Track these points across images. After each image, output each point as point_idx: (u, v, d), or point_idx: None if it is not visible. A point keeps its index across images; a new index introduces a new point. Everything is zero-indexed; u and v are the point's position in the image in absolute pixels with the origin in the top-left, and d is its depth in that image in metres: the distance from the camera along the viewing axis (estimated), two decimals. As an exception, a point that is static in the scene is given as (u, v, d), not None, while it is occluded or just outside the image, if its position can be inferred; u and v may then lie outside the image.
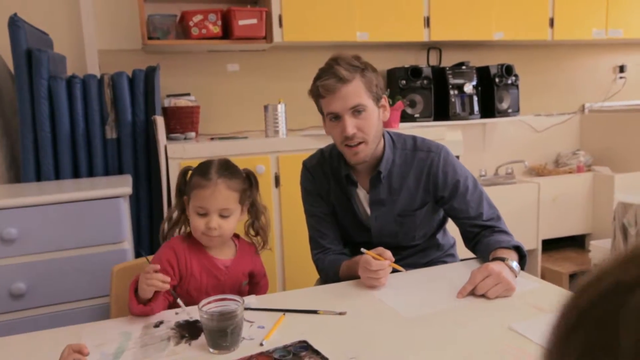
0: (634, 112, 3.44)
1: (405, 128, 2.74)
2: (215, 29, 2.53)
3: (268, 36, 2.63)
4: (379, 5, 2.79)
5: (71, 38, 2.60)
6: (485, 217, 1.41)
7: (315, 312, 1.15)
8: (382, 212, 1.45)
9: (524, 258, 1.33)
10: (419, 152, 1.43)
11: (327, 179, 1.50)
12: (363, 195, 1.46)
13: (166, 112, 2.49)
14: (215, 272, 1.30)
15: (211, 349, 1.00)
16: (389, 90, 2.96)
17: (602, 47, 3.70)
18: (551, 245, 3.37)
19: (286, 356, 0.97)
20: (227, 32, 2.57)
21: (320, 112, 1.41)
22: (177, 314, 1.15)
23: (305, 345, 1.00)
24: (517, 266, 1.27)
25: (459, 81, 3.05)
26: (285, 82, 2.93)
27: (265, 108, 2.45)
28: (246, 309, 1.13)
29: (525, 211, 3.07)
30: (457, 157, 2.85)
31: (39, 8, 2.53)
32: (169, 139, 2.39)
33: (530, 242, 3.09)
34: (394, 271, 1.30)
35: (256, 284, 1.41)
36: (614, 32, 3.31)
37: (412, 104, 3.01)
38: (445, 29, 2.93)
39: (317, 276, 1.60)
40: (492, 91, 3.12)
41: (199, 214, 1.25)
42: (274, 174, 2.35)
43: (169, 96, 2.66)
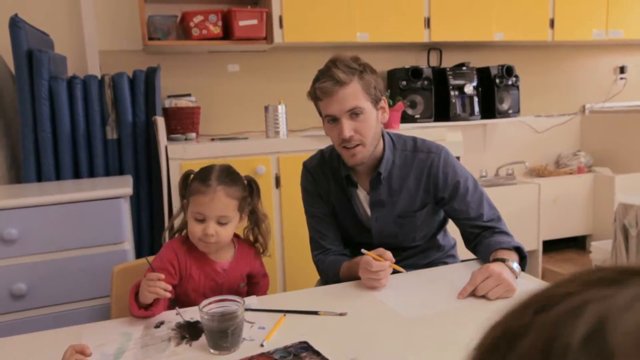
0: (634, 112, 3.44)
1: (406, 129, 2.74)
2: (215, 29, 2.53)
3: (268, 37, 2.63)
4: (379, 5, 2.79)
5: (72, 39, 2.61)
6: (485, 218, 1.41)
7: (315, 313, 1.15)
8: (382, 213, 1.45)
9: (524, 259, 1.33)
10: (419, 153, 1.43)
11: (327, 180, 1.50)
12: (363, 196, 1.46)
13: (167, 112, 2.49)
14: (213, 275, 1.30)
15: (212, 350, 1.00)
16: (389, 91, 2.96)
17: (602, 47, 3.70)
18: (552, 246, 3.37)
19: (287, 357, 0.97)
20: (227, 33, 2.58)
21: (319, 113, 1.41)
22: (177, 314, 1.16)
23: (305, 346, 1.00)
24: (517, 267, 1.26)
25: (459, 82, 3.05)
26: (286, 83, 2.93)
27: (266, 109, 2.45)
28: (247, 309, 1.14)
29: (526, 212, 3.07)
30: (458, 158, 2.85)
31: (39, 9, 2.54)
32: (169, 139, 2.39)
33: (531, 243, 3.09)
34: (395, 272, 1.30)
35: (255, 284, 1.41)
36: (614, 33, 3.31)
37: (413, 105, 3.01)
38: (445, 29, 2.93)
39: (317, 277, 1.60)
40: (493, 92, 3.12)
41: (196, 219, 1.25)
42: (275, 175, 2.35)
43: (169, 97, 2.66)
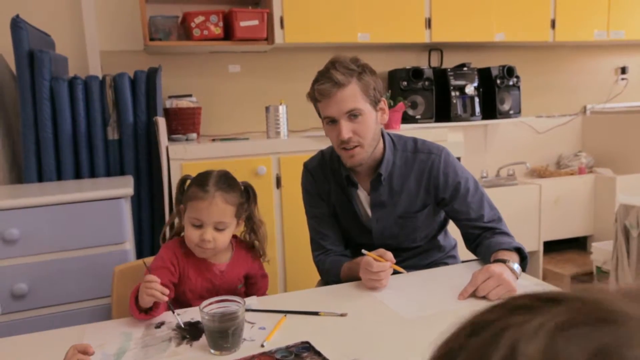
0: (635, 113, 3.43)
1: (407, 129, 2.74)
2: (216, 30, 2.53)
3: (269, 37, 2.63)
4: (380, 6, 2.79)
5: (73, 39, 2.61)
6: (486, 219, 1.41)
7: (316, 313, 1.15)
8: (383, 214, 1.45)
9: (525, 260, 1.33)
10: (419, 154, 1.43)
11: (328, 180, 1.50)
12: (364, 196, 1.46)
13: (168, 113, 2.49)
14: (210, 277, 1.31)
15: (212, 350, 1.00)
16: (390, 91, 2.97)
17: (603, 48, 3.70)
18: (553, 247, 3.36)
19: (288, 357, 0.97)
20: (228, 34, 2.58)
21: (318, 115, 1.41)
22: (178, 314, 1.16)
23: (307, 346, 1.00)
24: (518, 268, 1.26)
25: (460, 82, 3.05)
26: (287, 83, 2.93)
27: (267, 109, 2.45)
28: (247, 310, 1.14)
29: (527, 213, 3.07)
30: (459, 159, 2.85)
31: (41, 9, 2.54)
32: (170, 140, 2.39)
33: (532, 244, 3.09)
34: (395, 273, 1.30)
35: (253, 284, 1.40)
36: (615, 34, 3.30)
37: (414, 105, 3.01)
38: (446, 30, 2.93)
39: (318, 277, 1.60)
40: (494, 92, 3.12)
41: (193, 225, 1.25)
42: (275, 175, 2.35)
43: (170, 97, 2.66)
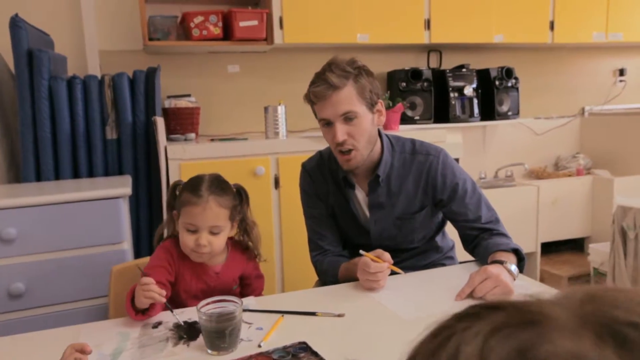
0: (633, 115, 3.44)
1: (405, 130, 2.74)
2: (216, 30, 2.53)
3: (269, 38, 2.63)
4: (379, 7, 2.79)
5: (72, 38, 2.61)
6: (483, 220, 1.42)
7: (313, 313, 1.15)
8: (381, 215, 1.45)
9: (522, 261, 1.33)
10: (417, 156, 1.43)
11: (326, 181, 1.50)
12: (362, 197, 1.46)
13: (166, 113, 2.49)
14: (205, 278, 1.31)
15: (209, 350, 1.01)
16: (389, 92, 2.97)
17: (602, 50, 3.70)
18: (550, 248, 3.37)
19: (285, 357, 0.97)
20: (227, 34, 2.58)
21: (315, 116, 1.42)
22: (172, 311, 1.16)
23: (304, 347, 1.00)
24: (515, 269, 1.27)
25: (459, 84, 3.05)
26: (286, 84, 2.93)
27: (266, 109, 2.45)
28: (245, 310, 1.14)
29: (525, 214, 3.07)
30: (457, 160, 2.85)
31: (40, 8, 2.54)
32: (169, 139, 2.39)
33: (530, 245, 3.09)
34: (393, 273, 1.30)
35: (247, 285, 1.41)
36: (614, 36, 3.31)
37: (412, 106, 3.01)
38: (445, 31, 2.94)
39: (316, 278, 1.60)
40: (492, 94, 3.12)
41: (188, 230, 1.25)
42: (274, 176, 2.35)
43: (169, 97, 2.66)
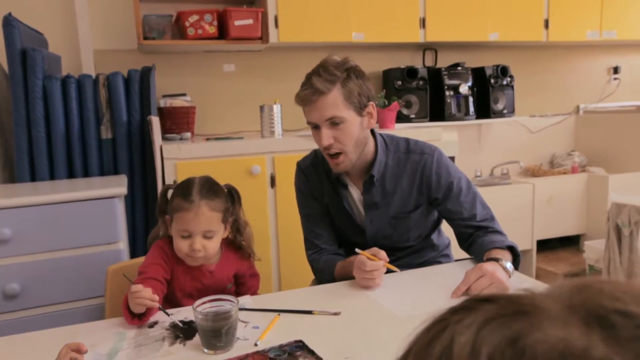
0: (628, 113, 3.46)
1: (401, 129, 2.75)
2: (211, 29, 2.53)
3: (264, 37, 2.63)
4: (374, 6, 2.79)
5: (66, 38, 2.60)
6: (478, 218, 1.42)
7: (310, 312, 1.15)
8: (376, 214, 1.45)
9: (517, 258, 1.34)
10: (412, 154, 1.43)
11: (321, 180, 1.50)
12: (357, 197, 1.46)
13: (162, 112, 2.48)
14: (199, 277, 1.31)
15: (206, 349, 1.00)
16: (384, 91, 2.97)
17: (596, 48, 3.72)
18: (546, 246, 3.38)
19: (281, 355, 0.97)
20: (223, 33, 2.57)
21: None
22: (170, 315, 1.15)
23: (300, 345, 1.00)
24: (511, 267, 1.27)
25: (454, 82, 3.05)
26: (281, 83, 2.93)
27: (261, 108, 2.45)
28: (241, 309, 1.14)
29: (520, 212, 3.08)
30: (453, 158, 2.87)
31: (33, 8, 2.52)
32: (164, 139, 2.38)
33: (525, 243, 3.10)
34: (389, 271, 1.30)
35: (242, 284, 1.41)
36: (608, 34, 3.32)
37: (408, 105, 3.02)
38: (440, 29, 2.94)
39: (312, 276, 1.60)
40: (488, 92, 3.13)
41: (182, 236, 1.25)
42: (270, 175, 2.35)
43: (164, 96, 2.66)
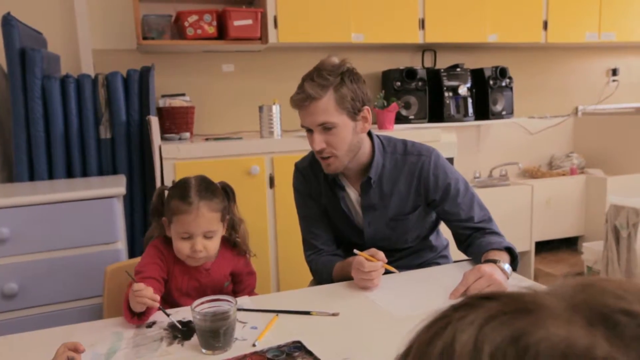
0: (626, 115, 3.46)
1: (400, 130, 2.75)
2: (210, 29, 2.53)
3: (263, 37, 2.63)
4: (374, 6, 2.79)
5: (65, 37, 2.60)
6: (476, 219, 1.42)
7: (308, 313, 1.15)
8: (374, 217, 1.45)
9: (515, 259, 1.34)
10: (409, 156, 1.43)
11: (318, 181, 1.50)
12: (355, 198, 1.46)
13: (161, 112, 2.48)
14: (196, 275, 1.31)
15: (204, 350, 1.00)
16: (383, 91, 2.97)
17: (595, 50, 3.73)
18: (544, 247, 3.39)
19: (279, 356, 0.97)
20: (222, 33, 2.57)
21: None
22: (169, 315, 1.15)
23: (299, 346, 1.00)
24: (509, 268, 1.27)
25: (453, 83, 3.06)
26: (280, 83, 2.93)
27: (260, 109, 2.45)
28: (239, 309, 1.14)
29: (519, 213, 3.09)
30: (452, 159, 2.87)
31: (33, 7, 2.52)
32: (163, 139, 2.38)
33: (524, 244, 3.10)
34: (387, 272, 1.30)
35: (239, 282, 1.41)
36: (606, 36, 3.33)
37: (407, 106, 3.02)
38: (440, 31, 2.94)
39: (311, 277, 1.60)
40: (487, 93, 3.14)
41: (182, 238, 1.25)
42: (269, 175, 2.35)
43: (163, 96, 2.65)
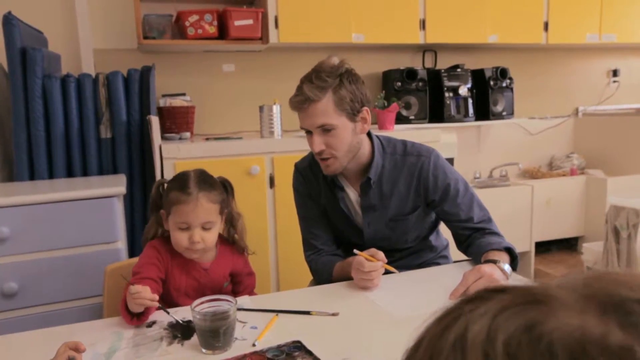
0: (627, 115, 3.46)
1: (400, 130, 2.75)
2: (211, 29, 2.53)
3: (264, 37, 2.63)
4: (374, 7, 2.79)
5: (66, 37, 2.60)
6: (476, 220, 1.42)
7: (308, 313, 1.15)
8: (374, 217, 1.45)
9: (515, 259, 1.34)
10: (409, 157, 1.43)
11: (318, 181, 1.50)
12: (355, 198, 1.46)
13: (161, 112, 2.48)
14: (195, 274, 1.31)
15: (204, 350, 1.00)
16: (384, 92, 2.97)
17: (595, 51, 3.73)
18: (544, 248, 3.39)
19: (279, 356, 0.97)
20: (223, 33, 2.57)
21: None
22: (168, 312, 1.15)
23: (298, 345, 1.00)
24: (508, 268, 1.27)
25: (454, 83, 3.06)
26: (281, 83, 2.93)
27: (261, 109, 2.45)
28: (239, 309, 1.14)
29: (519, 214, 3.09)
30: (452, 159, 2.87)
31: (33, 6, 2.52)
32: (163, 138, 2.38)
33: (524, 245, 3.10)
34: (387, 272, 1.30)
35: (239, 282, 1.41)
36: (607, 37, 3.33)
37: (407, 106, 3.02)
38: (440, 31, 2.94)
39: (310, 277, 1.60)
40: (487, 94, 3.14)
41: (180, 228, 1.25)
42: (269, 175, 2.35)
43: (164, 96, 2.66)
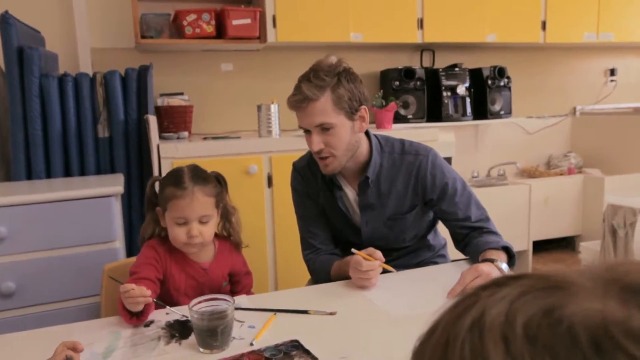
0: (624, 115, 3.47)
1: (398, 129, 2.75)
2: (209, 28, 2.53)
3: (262, 36, 2.63)
4: (373, 6, 2.79)
5: (63, 36, 2.59)
6: (473, 219, 1.42)
7: (305, 312, 1.15)
8: (372, 216, 1.45)
9: (512, 258, 1.34)
10: (407, 156, 1.43)
11: (316, 180, 1.50)
12: (353, 197, 1.47)
13: (159, 111, 2.48)
14: (193, 274, 1.31)
15: (201, 349, 1.00)
16: (382, 91, 2.97)
17: (593, 50, 3.73)
18: (542, 247, 3.40)
19: (277, 355, 0.97)
20: (220, 32, 2.57)
21: None
22: (167, 314, 1.15)
23: (296, 345, 1.00)
24: (506, 267, 1.27)
25: (451, 83, 3.06)
26: (279, 82, 2.93)
27: (259, 108, 2.45)
28: (237, 308, 1.14)
29: (517, 212, 3.09)
30: (450, 159, 2.88)
31: (31, 5, 2.52)
32: (161, 138, 2.38)
33: (521, 244, 3.11)
34: (385, 271, 1.31)
35: (237, 282, 1.41)
36: (605, 36, 3.34)
37: (405, 105, 3.02)
38: (438, 30, 2.95)
39: (308, 276, 1.60)
40: (485, 93, 3.14)
41: (177, 224, 1.25)
42: (267, 174, 2.35)
43: (162, 95, 2.65)
